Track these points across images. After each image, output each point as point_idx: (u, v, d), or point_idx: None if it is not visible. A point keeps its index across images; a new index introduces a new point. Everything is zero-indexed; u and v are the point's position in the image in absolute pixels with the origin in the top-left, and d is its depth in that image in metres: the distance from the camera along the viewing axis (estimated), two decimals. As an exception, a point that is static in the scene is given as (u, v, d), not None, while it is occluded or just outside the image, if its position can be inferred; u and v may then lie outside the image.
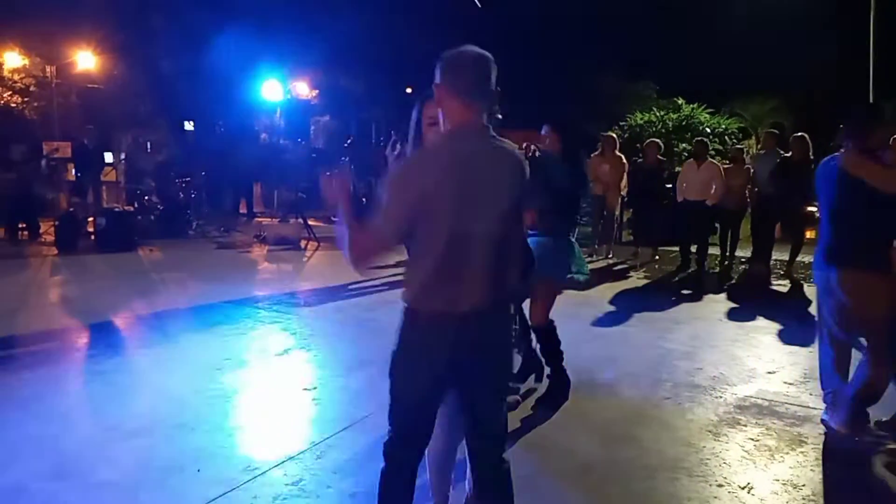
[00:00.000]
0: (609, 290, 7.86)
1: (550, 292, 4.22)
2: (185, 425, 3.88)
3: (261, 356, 5.30)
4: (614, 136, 10.66)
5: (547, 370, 4.45)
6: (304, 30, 20.52)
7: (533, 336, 4.50)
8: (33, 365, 4.97)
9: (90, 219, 11.44)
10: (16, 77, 18.46)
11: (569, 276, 4.17)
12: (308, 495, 3.15)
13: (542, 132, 4.52)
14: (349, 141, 15.69)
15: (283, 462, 3.46)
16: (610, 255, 10.01)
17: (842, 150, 3.69)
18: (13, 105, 18.08)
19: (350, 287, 7.80)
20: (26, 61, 18.53)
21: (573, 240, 4.30)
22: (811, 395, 4.50)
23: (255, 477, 3.29)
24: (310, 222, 11.39)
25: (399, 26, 22.64)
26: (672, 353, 5.46)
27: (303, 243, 10.95)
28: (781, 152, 8.94)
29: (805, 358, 5.37)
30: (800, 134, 8.69)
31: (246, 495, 3.12)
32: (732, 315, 6.80)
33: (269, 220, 13.22)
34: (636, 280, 8.74)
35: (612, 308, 6.91)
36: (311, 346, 5.61)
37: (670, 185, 9.92)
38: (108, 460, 3.41)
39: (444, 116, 2.18)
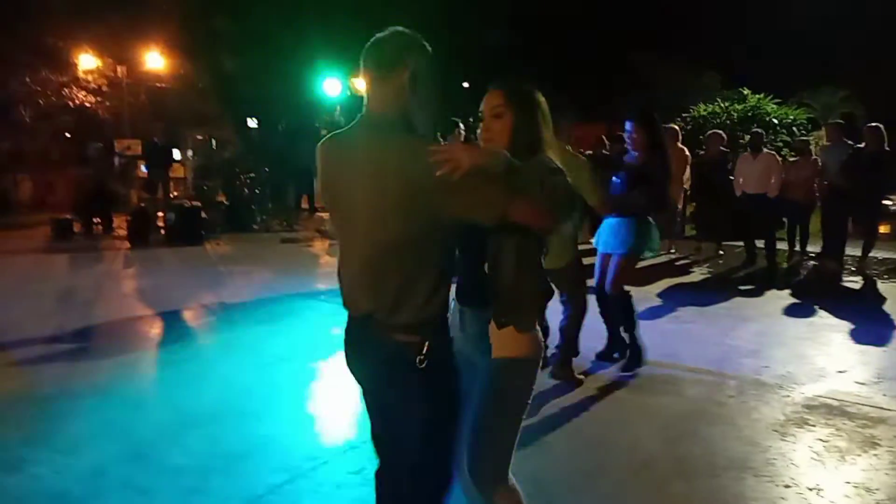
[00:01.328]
0: (671, 285, 7.72)
1: (632, 265, 4.67)
2: (252, 413, 4.00)
3: (324, 347, 5.41)
4: (676, 127, 10.42)
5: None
6: (364, 26, 20.73)
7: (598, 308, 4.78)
8: (110, 353, 5.21)
9: (160, 214, 11.88)
10: (89, 78, 19.23)
11: (647, 252, 4.72)
12: (370, 483, 3.15)
13: (627, 129, 4.61)
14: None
15: (345, 451, 3.53)
16: (672, 251, 9.81)
17: None
18: (88, 105, 18.84)
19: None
20: (99, 62, 19.27)
21: (650, 220, 4.68)
22: (885, 395, 4.34)
23: (319, 465, 3.37)
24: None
25: (460, 19, 22.64)
26: (737, 349, 5.33)
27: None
28: (850, 143, 8.59)
29: (878, 357, 5.17)
30: (874, 124, 8.33)
31: (309, 483, 3.20)
32: (801, 312, 6.59)
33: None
34: (699, 275, 8.54)
35: (673, 304, 6.78)
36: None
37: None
38: (181, 445, 3.55)
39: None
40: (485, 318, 2.11)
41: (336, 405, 4.26)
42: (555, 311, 4.32)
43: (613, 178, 4.74)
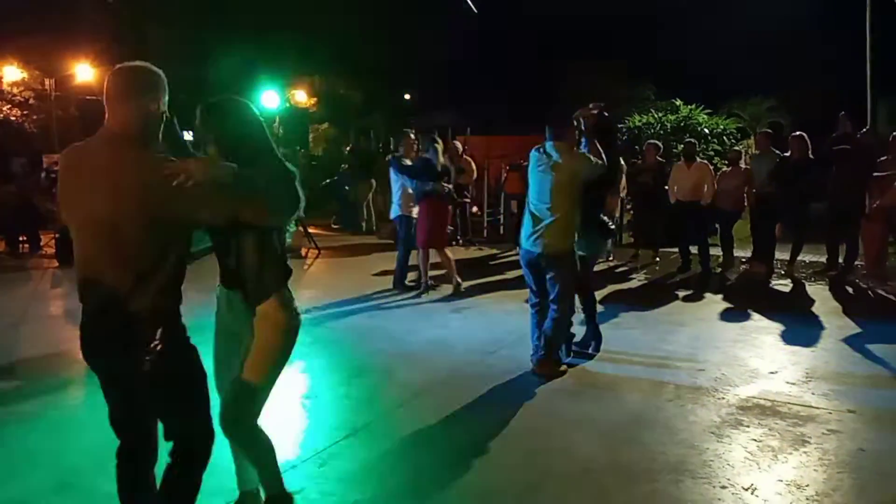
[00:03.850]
0: (610, 292, 7.85)
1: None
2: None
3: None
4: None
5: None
6: (302, 38, 20.57)
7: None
8: (36, 377, 4.97)
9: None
10: (15, 90, 18.53)
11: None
12: (310, 504, 3.14)
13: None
14: (348, 148, 15.72)
15: (285, 471, 3.43)
16: (611, 258, 9.99)
17: None
18: (13, 118, 18.13)
19: (350, 295, 7.79)
20: (25, 75, 18.59)
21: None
22: (813, 394, 4.50)
23: (257, 486, 3.27)
24: (310, 230, 11.39)
25: (397, 33, 22.70)
26: (674, 354, 5.45)
27: (303, 251, 10.95)
28: (777, 152, 8.94)
29: (807, 358, 5.36)
30: (798, 133, 8.68)
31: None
32: (734, 316, 6.79)
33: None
34: (637, 282, 8.73)
35: (613, 310, 6.90)
36: (313, 353, 5.59)
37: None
38: (109, 473, 3.40)
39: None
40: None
41: (275, 424, 4.14)
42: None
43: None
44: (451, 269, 7.87)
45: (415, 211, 7.86)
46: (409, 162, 7.87)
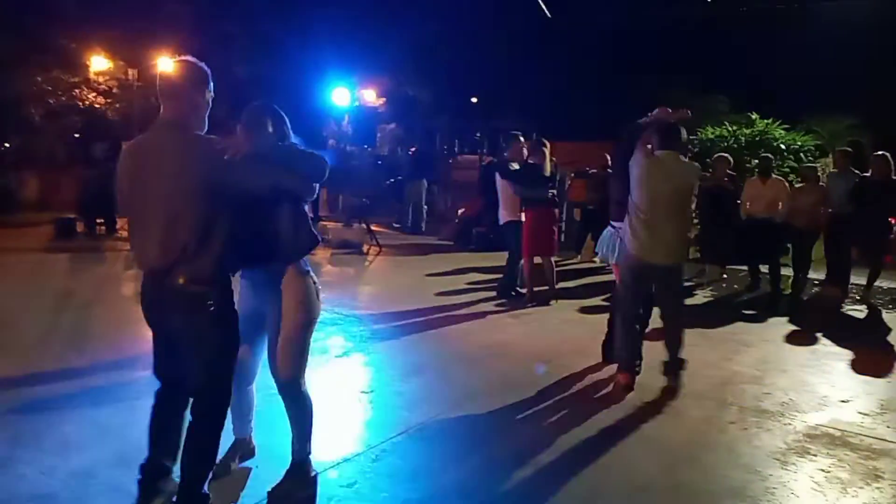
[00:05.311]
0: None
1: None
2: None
3: (320, 358, 5.34)
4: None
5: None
6: (373, 38, 20.84)
7: None
8: (106, 356, 5.16)
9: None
10: (100, 79, 19.32)
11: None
12: (362, 498, 3.16)
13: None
14: (413, 150, 15.82)
15: (338, 463, 3.48)
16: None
17: None
18: (97, 106, 18.91)
19: (409, 293, 7.83)
20: (111, 64, 19.37)
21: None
22: (888, 427, 4.28)
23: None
24: (373, 228, 11.51)
25: (466, 36, 22.75)
26: (739, 375, 5.27)
27: (365, 248, 11.07)
28: (857, 171, 8.55)
29: (881, 388, 5.11)
30: (881, 153, 8.29)
31: (301, 495, 3.15)
32: (804, 339, 6.51)
33: (334, 224, 13.43)
34: (702, 298, 8.49)
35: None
36: (370, 349, 5.65)
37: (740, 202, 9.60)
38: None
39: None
40: (273, 270, 2.94)
41: (330, 417, 4.20)
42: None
43: None
44: (552, 280, 7.66)
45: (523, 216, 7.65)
46: (516, 166, 7.73)
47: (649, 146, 4.77)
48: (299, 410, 3.09)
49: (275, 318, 2.97)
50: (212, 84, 2.77)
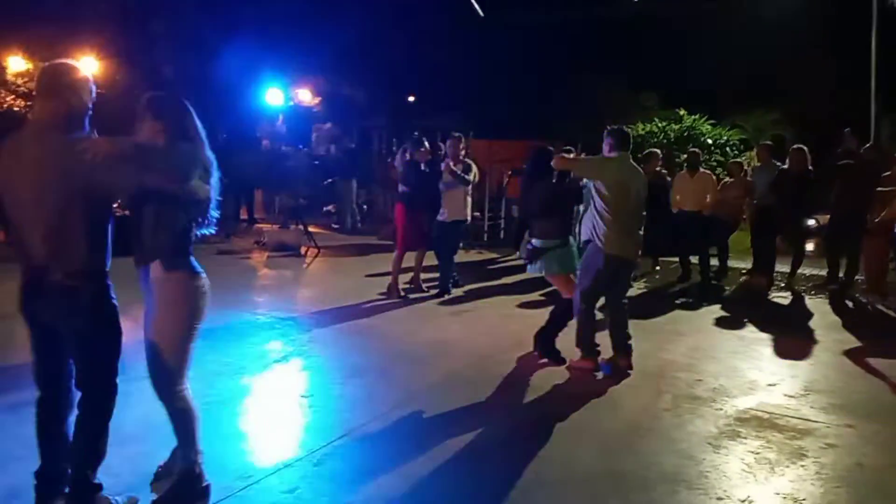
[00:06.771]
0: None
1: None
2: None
3: (258, 362, 5.27)
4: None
5: None
6: (307, 37, 20.57)
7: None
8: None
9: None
10: (19, 81, 18.49)
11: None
12: (304, 503, 3.12)
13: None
14: (349, 147, 15.71)
15: (279, 469, 3.43)
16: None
17: None
18: (16, 109, 18.09)
19: (349, 295, 7.77)
20: (30, 65, 18.55)
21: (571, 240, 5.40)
22: (812, 408, 4.48)
23: (251, 485, 3.26)
24: (310, 229, 11.37)
25: (402, 35, 22.71)
26: (672, 364, 5.43)
27: (303, 250, 10.92)
28: (778, 164, 8.93)
29: (806, 371, 5.35)
30: (797, 146, 8.68)
31: (241, 503, 3.09)
32: (733, 327, 6.77)
33: (270, 226, 13.20)
34: (635, 290, 8.69)
35: (612, 318, 6.86)
36: (310, 353, 5.58)
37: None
38: (104, 466, 3.37)
39: None
40: (145, 270, 2.96)
41: (270, 422, 4.14)
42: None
43: None
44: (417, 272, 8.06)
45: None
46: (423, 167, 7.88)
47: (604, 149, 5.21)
48: (178, 416, 3.04)
49: (149, 319, 2.98)
50: (93, 87, 2.88)
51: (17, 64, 18.49)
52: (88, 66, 18.63)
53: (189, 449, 3.04)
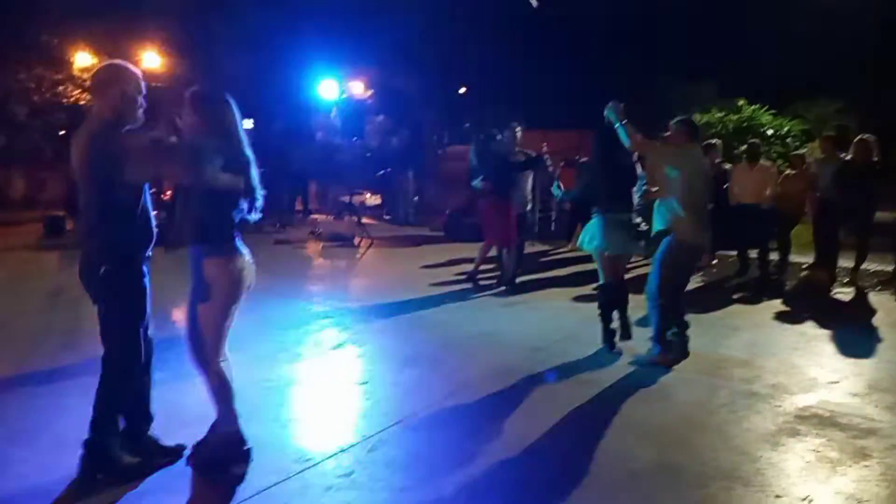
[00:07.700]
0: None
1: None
2: (241, 415, 3.94)
3: (314, 350, 5.39)
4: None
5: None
6: (361, 30, 20.76)
7: None
8: (97, 351, 5.15)
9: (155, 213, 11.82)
10: (85, 76, 19.18)
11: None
12: (359, 487, 3.19)
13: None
14: (401, 137, 15.82)
15: (335, 454, 3.51)
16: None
17: None
18: (82, 102, 18.77)
19: (401, 284, 7.85)
20: (95, 60, 19.23)
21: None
22: (876, 407, 4.34)
23: (308, 468, 3.35)
24: (363, 220, 11.51)
25: (454, 28, 22.68)
26: (729, 359, 5.32)
27: (356, 240, 11.08)
28: (842, 155, 8.62)
29: (869, 369, 5.18)
30: (862, 136, 8.35)
31: (298, 485, 3.18)
32: (792, 322, 6.59)
33: (324, 217, 13.42)
34: (692, 283, 8.53)
35: (666, 312, 6.76)
36: (364, 340, 5.67)
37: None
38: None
39: None
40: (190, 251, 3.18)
41: (326, 408, 4.23)
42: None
43: None
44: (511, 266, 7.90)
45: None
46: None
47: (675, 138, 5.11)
48: (216, 387, 3.20)
49: (190, 297, 3.21)
50: (139, 84, 3.13)
51: (84, 59, 19.17)
52: (151, 61, 19.21)
53: (229, 415, 3.20)
